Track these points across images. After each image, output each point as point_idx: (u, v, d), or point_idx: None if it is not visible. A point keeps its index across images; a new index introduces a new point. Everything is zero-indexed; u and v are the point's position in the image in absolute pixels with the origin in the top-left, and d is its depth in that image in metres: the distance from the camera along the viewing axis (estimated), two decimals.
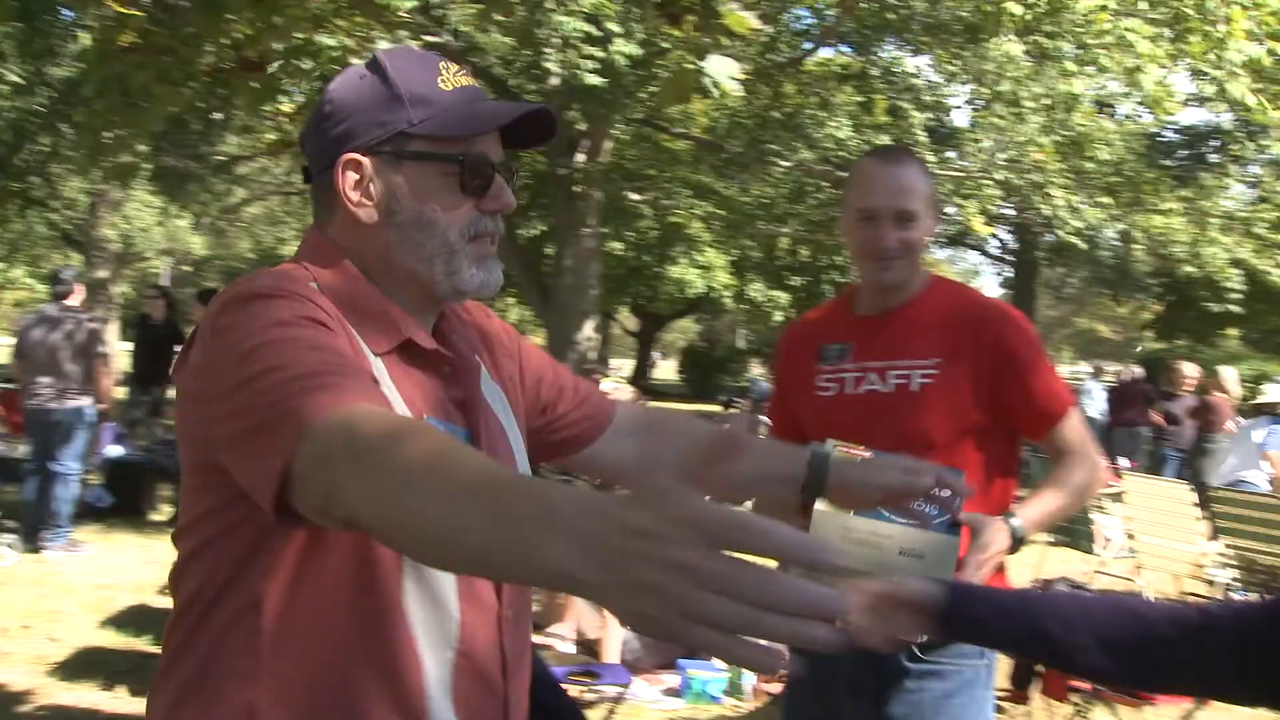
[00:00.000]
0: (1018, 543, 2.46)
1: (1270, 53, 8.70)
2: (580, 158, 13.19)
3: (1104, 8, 8.70)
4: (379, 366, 1.49)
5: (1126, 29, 8.87)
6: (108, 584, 7.76)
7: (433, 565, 1.33)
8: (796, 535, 0.88)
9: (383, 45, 5.71)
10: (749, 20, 4.54)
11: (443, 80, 1.58)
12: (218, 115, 12.93)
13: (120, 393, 11.14)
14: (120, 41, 4.81)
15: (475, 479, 1.07)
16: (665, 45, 10.95)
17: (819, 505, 2.14)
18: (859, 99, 14.08)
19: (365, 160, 1.53)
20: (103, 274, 24.81)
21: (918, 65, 16.00)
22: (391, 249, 1.56)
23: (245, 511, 1.37)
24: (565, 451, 1.94)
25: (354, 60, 5.35)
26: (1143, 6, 9.03)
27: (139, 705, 5.27)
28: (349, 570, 1.44)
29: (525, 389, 1.83)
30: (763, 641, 0.87)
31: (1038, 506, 2.56)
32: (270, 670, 1.43)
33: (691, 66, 4.44)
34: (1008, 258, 31.78)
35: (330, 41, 5.36)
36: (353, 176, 1.54)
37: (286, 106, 5.93)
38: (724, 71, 4.32)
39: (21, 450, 9.29)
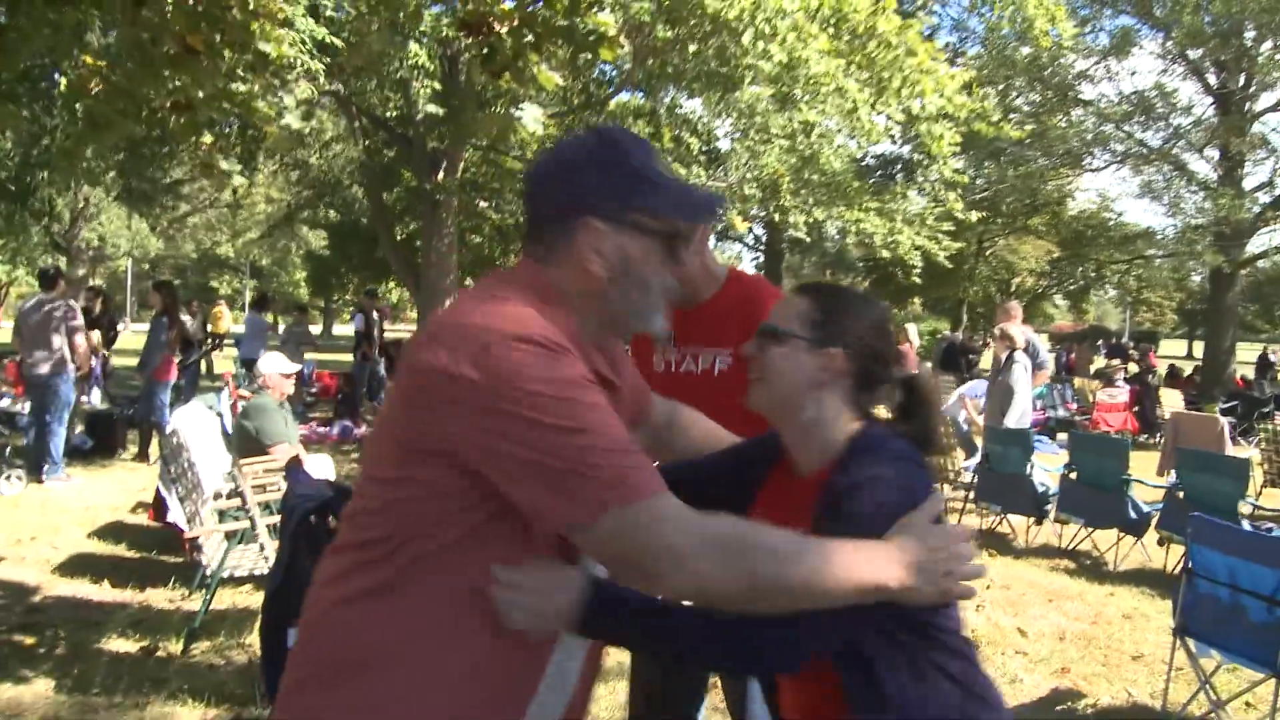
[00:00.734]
0: None
1: (949, 102, 9.30)
2: (440, 175, 13.14)
3: (827, 73, 9.04)
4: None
5: (841, 85, 9.26)
6: (92, 505, 7.82)
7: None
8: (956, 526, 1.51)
9: (284, 95, 5.64)
10: (554, 77, 4.63)
11: (660, 163, 1.52)
12: (165, 148, 12.59)
13: None
14: (89, 85, 4.80)
15: (835, 554, 1.37)
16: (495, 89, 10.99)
17: None
18: (650, 130, 14.31)
19: (602, 225, 1.46)
20: (82, 271, 24.90)
21: (693, 107, 16.34)
22: (607, 298, 1.49)
23: (472, 498, 1.35)
24: None
25: (259, 105, 5.33)
26: (855, 72, 9.43)
27: (119, 595, 5.46)
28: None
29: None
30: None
31: None
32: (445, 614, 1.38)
33: (507, 111, 4.58)
34: (760, 247, 32.51)
35: (241, 89, 5.29)
36: (591, 237, 1.46)
37: (207, 139, 5.86)
38: (531, 116, 4.46)
39: (21, 406, 9.36)
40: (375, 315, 15.70)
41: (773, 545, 1.34)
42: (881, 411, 1.73)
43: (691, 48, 9.89)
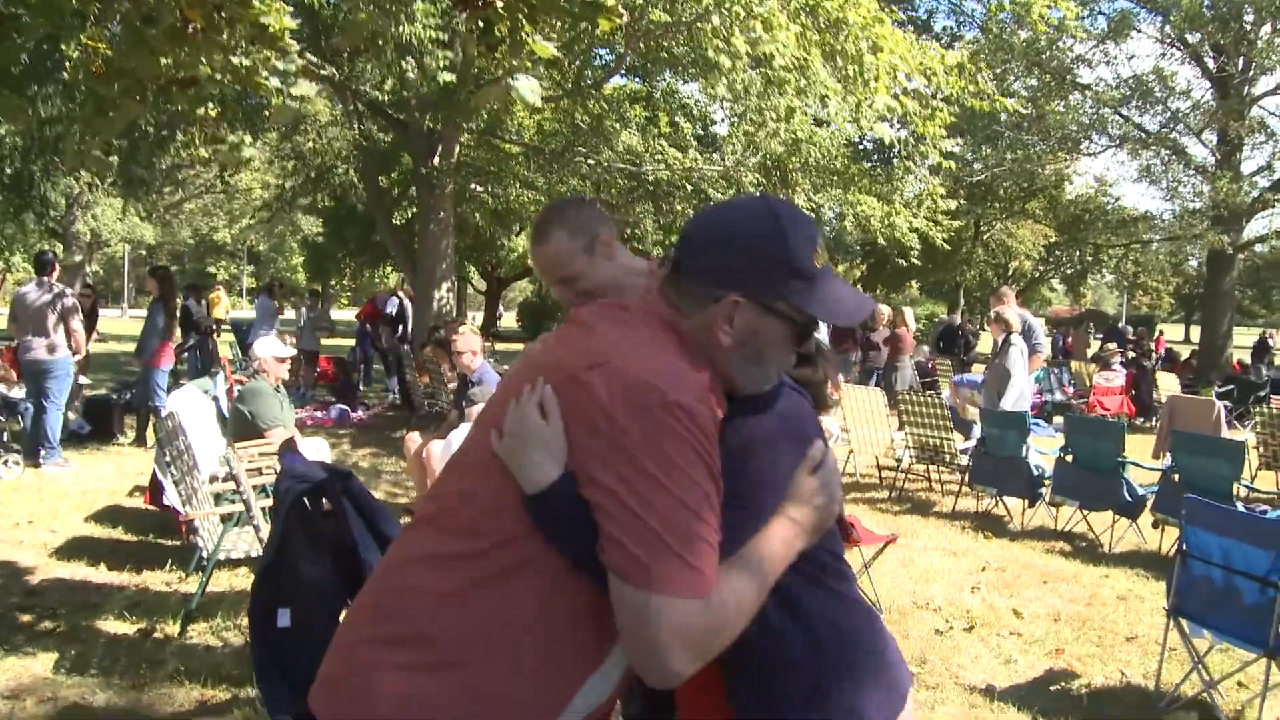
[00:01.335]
0: None
1: (903, 93, 9.29)
2: (436, 159, 13.09)
3: (789, 66, 8.99)
4: None
5: (814, 76, 9.24)
6: (89, 490, 7.87)
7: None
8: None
9: (285, 64, 5.60)
10: (549, 48, 4.58)
11: (817, 256, 1.54)
12: (164, 132, 12.55)
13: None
14: (93, 67, 4.79)
15: (767, 557, 1.44)
16: (491, 72, 10.87)
17: None
18: (647, 114, 14.27)
19: (745, 303, 1.50)
20: (79, 259, 24.86)
21: (690, 91, 16.27)
22: (727, 363, 1.53)
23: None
24: None
25: (260, 78, 5.31)
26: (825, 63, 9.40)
27: (116, 577, 5.46)
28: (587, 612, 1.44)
29: None
30: None
31: None
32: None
33: (504, 83, 4.49)
34: None
35: (245, 62, 5.29)
36: (729, 309, 1.50)
37: (214, 112, 5.86)
38: (528, 87, 4.37)
39: (18, 391, 9.32)
40: (408, 302, 15.73)
41: (737, 602, 1.39)
42: None
43: (681, 34, 9.82)
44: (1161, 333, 27.91)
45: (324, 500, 2.97)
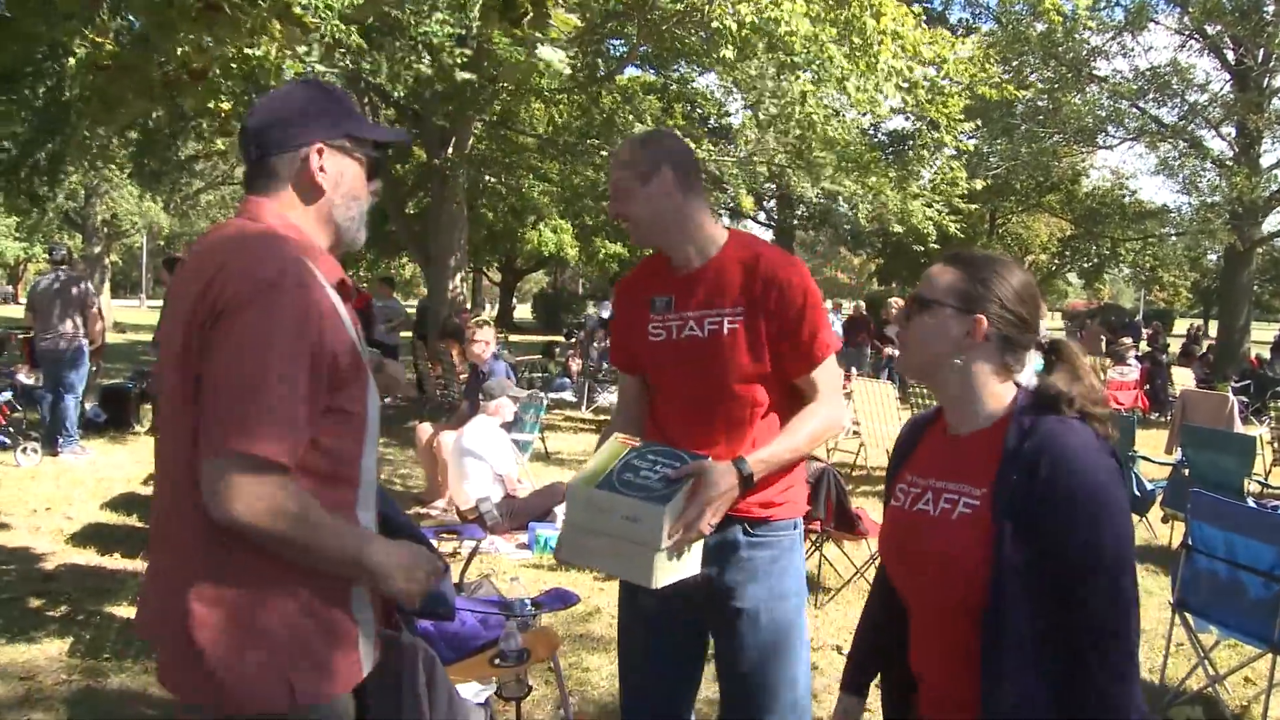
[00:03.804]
0: (746, 480, 2.21)
1: (911, 85, 9.26)
2: (449, 150, 13.11)
3: (795, 32, 8.97)
4: (331, 293, 1.66)
5: (830, 53, 9.22)
6: (106, 478, 7.99)
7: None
8: None
9: (302, 50, 5.61)
10: (573, 20, 4.54)
11: (355, 104, 1.84)
12: (180, 123, 12.62)
13: None
14: (98, 61, 4.82)
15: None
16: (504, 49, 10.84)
17: (570, 481, 2.22)
18: (661, 106, 14.27)
19: (325, 147, 1.72)
20: (97, 249, 25.64)
21: (705, 83, 16.25)
22: (334, 211, 1.76)
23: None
24: None
25: (280, 61, 5.32)
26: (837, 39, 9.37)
27: (130, 564, 5.55)
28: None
29: None
30: None
31: (769, 449, 2.28)
32: None
33: (527, 58, 4.46)
34: (771, 224, 32.33)
35: (258, 53, 5.31)
36: (318, 158, 1.72)
37: (225, 105, 5.88)
38: (553, 57, 4.33)
39: (35, 380, 9.39)
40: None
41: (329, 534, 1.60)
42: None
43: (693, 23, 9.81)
44: (1201, 328, 27.89)
45: None
